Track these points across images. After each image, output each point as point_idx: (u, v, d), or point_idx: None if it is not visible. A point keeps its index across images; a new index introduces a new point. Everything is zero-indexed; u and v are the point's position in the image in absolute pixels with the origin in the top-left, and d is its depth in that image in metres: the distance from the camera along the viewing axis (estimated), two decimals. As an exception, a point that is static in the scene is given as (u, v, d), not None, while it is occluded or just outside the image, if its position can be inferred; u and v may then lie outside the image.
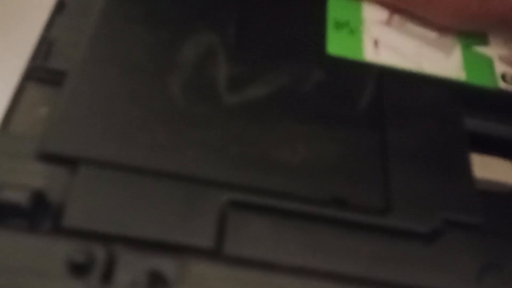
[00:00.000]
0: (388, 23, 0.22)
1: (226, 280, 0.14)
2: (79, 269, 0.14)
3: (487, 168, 0.20)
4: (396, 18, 0.22)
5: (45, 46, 0.19)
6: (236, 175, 0.17)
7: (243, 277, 0.15)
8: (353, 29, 0.22)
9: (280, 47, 0.21)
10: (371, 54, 0.21)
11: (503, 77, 0.21)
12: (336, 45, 0.21)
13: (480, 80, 0.21)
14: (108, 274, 0.14)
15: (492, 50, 0.22)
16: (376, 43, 0.21)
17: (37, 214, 0.15)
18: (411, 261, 0.16)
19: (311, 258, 0.16)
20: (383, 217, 0.17)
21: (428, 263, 0.16)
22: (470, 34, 0.22)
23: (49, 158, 0.16)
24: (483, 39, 0.22)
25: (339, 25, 0.22)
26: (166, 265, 0.14)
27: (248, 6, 0.21)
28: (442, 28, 0.22)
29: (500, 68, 0.22)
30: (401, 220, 0.17)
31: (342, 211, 0.17)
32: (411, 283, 0.16)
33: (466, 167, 0.18)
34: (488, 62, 0.22)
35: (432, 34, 0.22)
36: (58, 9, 0.21)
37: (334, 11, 0.22)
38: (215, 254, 0.15)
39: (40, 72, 0.19)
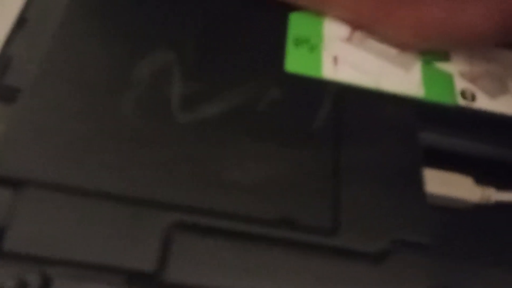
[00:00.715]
0: (349, 39, 0.22)
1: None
2: (11, 295, 0.14)
3: (446, 184, 0.20)
4: (357, 34, 0.22)
5: (3, 62, 0.19)
6: (184, 196, 0.17)
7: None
8: (313, 46, 0.22)
9: (238, 64, 0.21)
10: (329, 71, 0.21)
11: (463, 93, 0.21)
12: (295, 62, 0.21)
13: (439, 97, 0.21)
14: (41, 299, 0.14)
15: (453, 67, 0.22)
16: (335, 60, 0.21)
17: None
18: (358, 282, 0.16)
19: (256, 282, 0.16)
20: (331, 237, 0.17)
21: (375, 284, 0.16)
22: (431, 51, 0.22)
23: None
24: (444, 56, 0.22)
25: (299, 42, 0.22)
26: (103, 289, 0.14)
27: (209, 23, 0.22)
28: (402, 46, 0.22)
29: (460, 84, 0.22)
30: (349, 240, 0.17)
31: (289, 231, 0.17)
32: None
33: (418, 186, 0.18)
34: (448, 79, 0.22)
35: (392, 51, 0.22)
36: (19, 25, 0.21)
37: (295, 28, 0.22)
38: (155, 279, 0.15)
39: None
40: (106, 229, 0.15)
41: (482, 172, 0.20)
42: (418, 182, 0.18)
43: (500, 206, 0.20)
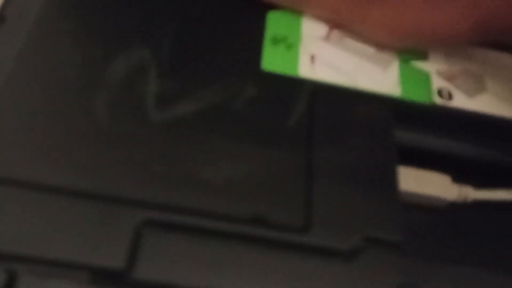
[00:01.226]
0: (326, 38, 0.22)
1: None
2: (-25, 292, 0.14)
3: (423, 182, 0.20)
4: (335, 33, 0.22)
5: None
6: (156, 194, 0.17)
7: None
8: (290, 44, 0.22)
9: (215, 63, 0.21)
10: (306, 70, 0.21)
11: (439, 92, 0.22)
12: (271, 60, 0.21)
13: (415, 96, 0.21)
14: (6, 297, 0.14)
15: (431, 65, 0.22)
16: (312, 58, 0.21)
17: None
18: (330, 279, 0.16)
19: (227, 279, 0.16)
20: (302, 235, 0.17)
21: (346, 282, 0.16)
22: (409, 50, 0.22)
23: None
24: (422, 54, 0.23)
25: (276, 41, 0.22)
26: (69, 287, 0.14)
27: (185, 22, 0.22)
28: (379, 45, 0.22)
29: (437, 83, 0.22)
30: (320, 238, 0.17)
31: (261, 229, 0.17)
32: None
33: (392, 184, 0.18)
34: (424, 77, 0.22)
35: (370, 50, 0.22)
36: (-2, 23, 0.21)
37: (273, 27, 0.22)
38: (124, 277, 0.15)
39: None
40: (75, 227, 0.15)
41: (460, 171, 0.20)
42: (391, 181, 0.18)
43: (478, 205, 0.20)
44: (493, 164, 0.21)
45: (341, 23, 0.22)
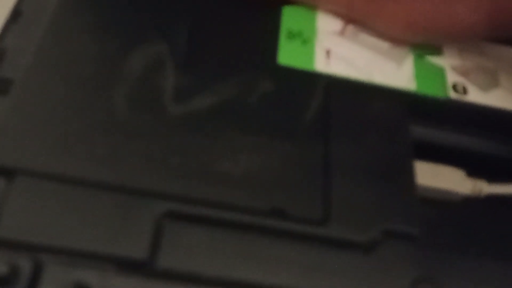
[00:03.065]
0: (341, 33, 0.22)
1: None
2: (2, 281, 0.14)
3: (437, 177, 0.20)
4: (350, 28, 0.22)
5: (-3, 54, 0.20)
6: (175, 186, 0.17)
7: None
8: (305, 39, 0.22)
9: (231, 57, 0.21)
10: (322, 65, 0.21)
11: (454, 87, 0.22)
12: (287, 55, 0.21)
13: (431, 90, 0.21)
14: (32, 286, 0.14)
15: (445, 60, 0.22)
16: (328, 53, 0.22)
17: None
18: (347, 272, 0.16)
19: (246, 270, 0.16)
20: (321, 227, 0.17)
21: (364, 274, 0.16)
22: (424, 45, 0.23)
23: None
24: (436, 49, 0.23)
25: (292, 35, 0.22)
26: (94, 277, 0.14)
27: (201, 16, 0.22)
28: (394, 40, 0.22)
29: (452, 78, 0.22)
30: (339, 230, 0.17)
31: (280, 221, 0.17)
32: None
33: (409, 177, 0.19)
34: (439, 72, 0.22)
35: (385, 45, 0.22)
36: (14, 17, 0.21)
37: (288, 21, 0.22)
38: (147, 266, 0.15)
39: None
40: (97, 218, 0.16)
41: (474, 165, 0.20)
42: (408, 174, 0.19)
43: (491, 199, 0.20)
44: (507, 159, 0.21)
45: (354, 18, 0.22)
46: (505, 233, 0.20)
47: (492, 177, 0.20)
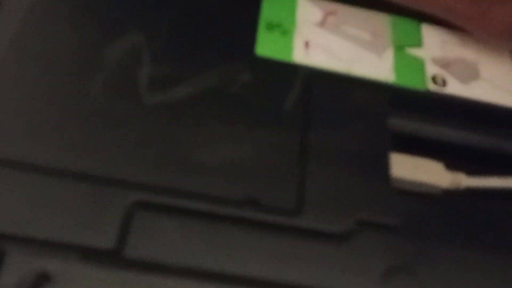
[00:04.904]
0: (322, 25, 0.22)
1: (119, 283, 0.14)
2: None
3: (416, 169, 0.20)
4: (331, 19, 0.22)
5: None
6: (149, 176, 0.17)
7: (139, 281, 0.15)
8: (285, 30, 0.22)
9: (209, 47, 0.21)
10: (301, 56, 0.21)
11: (434, 79, 0.22)
12: (266, 46, 0.21)
13: (409, 82, 0.21)
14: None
15: (426, 52, 0.22)
16: (307, 44, 0.21)
17: None
18: (320, 262, 0.16)
19: (217, 260, 0.16)
20: (295, 217, 0.17)
21: (338, 263, 0.16)
22: (404, 36, 0.22)
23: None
24: (417, 41, 0.23)
25: (271, 26, 0.22)
26: (56, 266, 0.14)
27: (181, 6, 0.21)
28: (495, 43, 0.22)
29: (431, 70, 0.22)
30: (312, 220, 0.17)
31: (254, 211, 0.17)
32: (317, 284, 0.16)
33: (385, 168, 0.18)
34: (419, 64, 0.22)
35: (366, 36, 0.22)
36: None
37: (268, 12, 0.22)
38: (113, 256, 0.15)
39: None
40: (67, 207, 0.15)
41: (453, 158, 0.20)
42: (384, 166, 0.18)
43: (470, 192, 0.20)
44: (486, 151, 0.21)
45: (456, 23, 0.22)
46: (483, 224, 0.19)
47: (471, 170, 0.20)
